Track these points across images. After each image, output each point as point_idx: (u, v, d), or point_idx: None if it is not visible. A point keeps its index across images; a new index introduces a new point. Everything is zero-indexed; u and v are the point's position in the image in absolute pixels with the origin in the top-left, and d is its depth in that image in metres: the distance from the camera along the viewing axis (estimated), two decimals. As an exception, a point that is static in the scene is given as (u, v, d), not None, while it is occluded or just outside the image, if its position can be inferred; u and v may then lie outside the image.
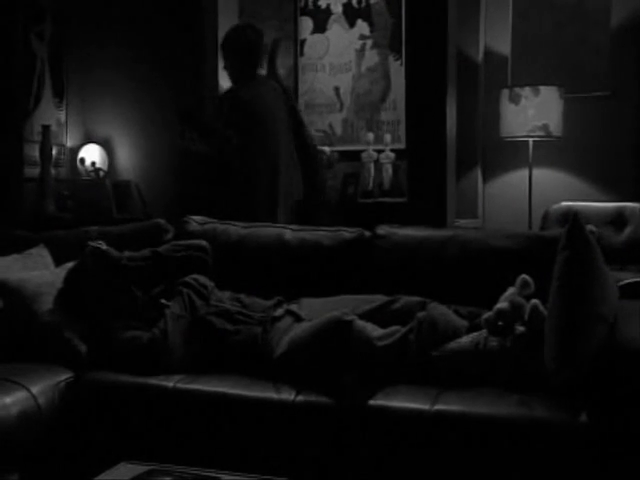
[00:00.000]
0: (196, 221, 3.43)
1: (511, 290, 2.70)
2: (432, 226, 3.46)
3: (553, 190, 5.09)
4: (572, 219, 2.47)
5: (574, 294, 2.40)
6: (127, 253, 3.10)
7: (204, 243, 3.20)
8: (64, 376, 2.80)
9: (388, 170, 5.49)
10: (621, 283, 3.06)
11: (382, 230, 3.22)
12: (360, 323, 2.66)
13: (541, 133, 4.90)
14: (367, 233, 3.24)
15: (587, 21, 5.25)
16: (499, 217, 5.26)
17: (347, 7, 5.75)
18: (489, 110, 5.22)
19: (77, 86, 5.38)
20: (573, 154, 5.17)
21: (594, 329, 2.39)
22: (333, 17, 5.80)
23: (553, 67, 5.26)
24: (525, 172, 5.07)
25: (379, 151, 5.53)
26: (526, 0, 5.33)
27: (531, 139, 4.96)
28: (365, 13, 5.72)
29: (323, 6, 5.80)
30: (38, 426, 2.65)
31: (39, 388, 2.69)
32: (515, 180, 5.26)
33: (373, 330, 2.65)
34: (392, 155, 5.42)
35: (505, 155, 5.29)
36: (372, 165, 5.54)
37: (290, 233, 3.32)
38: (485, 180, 5.40)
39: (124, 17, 5.36)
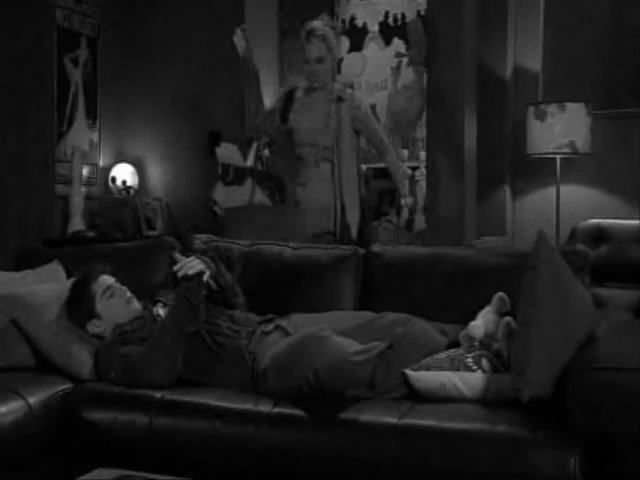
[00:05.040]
0: (201, 239, 3.52)
1: (487, 308, 2.73)
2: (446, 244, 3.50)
3: (582, 207, 5.03)
4: (538, 237, 2.49)
5: (537, 313, 2.41)
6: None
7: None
8: (63, 387, 2.90)
9: (422, 187, 5.52)
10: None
11: (377, 247, 3.29)
12: (336, 339, 2.70)
13: (567, 150, 4.86)
14: (362, 250, 3.31)
15: (623, 37, 5.19)
16: (528, 234, 5.19)
17: (383, 25, 5.84)
18: (519, 127, 5.20)
19: (110, 108, 5.59)
20: (602, 171, 5.09)
21: (557, 348, 2.41)
22: (369, 36, 5.89)
23: (587, 83, 5.19)
24: (553, 189, 5.03)
25: (414, 168, 5.58)
26: (559, 16, 5.28)
27: (558, 156, 4.92)
28: (401, 31, 5.79)
29: (359, 25, 5.90)
30: (32, 435, 2.74)
31: (36, 398, 2.78)
32: (544, 197, 5.21)
33: (350, 346, 2.68)
34: (426, 172, 5.45)
35: (534, 172, 5.26)
36: (407, 182, 5.59)
37: (290, 251, 3.40)
38: (515, 196, 5.37)
39: (156, 41, 5.54)
